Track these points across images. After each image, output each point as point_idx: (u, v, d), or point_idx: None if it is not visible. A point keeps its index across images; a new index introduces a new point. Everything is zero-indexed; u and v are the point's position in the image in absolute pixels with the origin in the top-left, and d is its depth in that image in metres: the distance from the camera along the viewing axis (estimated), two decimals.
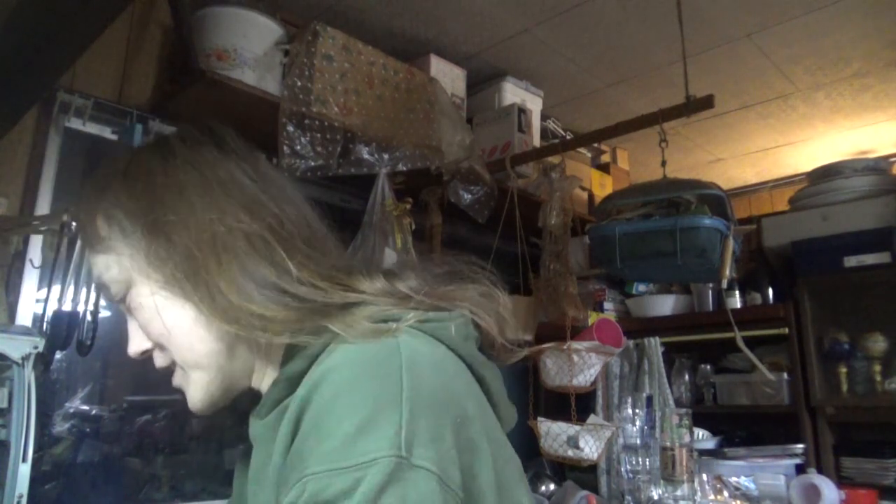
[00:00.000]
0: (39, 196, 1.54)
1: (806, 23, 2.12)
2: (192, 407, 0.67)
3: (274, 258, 0.62)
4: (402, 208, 1.87)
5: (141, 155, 0.70)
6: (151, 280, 0.64)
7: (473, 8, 2.06)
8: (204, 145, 0.69)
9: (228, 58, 1.69)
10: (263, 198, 0.66)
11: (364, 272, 0.64)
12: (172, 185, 0.65)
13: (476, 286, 0.67)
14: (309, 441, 0.51)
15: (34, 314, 1.48)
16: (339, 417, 0.50)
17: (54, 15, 1.04)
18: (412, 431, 0.49)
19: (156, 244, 0.63)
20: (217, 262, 0.61)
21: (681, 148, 3.04)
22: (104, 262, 0.67)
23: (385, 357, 0.54)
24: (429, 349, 0.58)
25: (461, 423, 0.53)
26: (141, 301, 0.65)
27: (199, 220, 0.63)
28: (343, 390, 0.51)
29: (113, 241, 0.66)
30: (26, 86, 1.29)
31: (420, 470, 0.48)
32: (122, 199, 0.66)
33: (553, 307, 1.97)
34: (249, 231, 0.62)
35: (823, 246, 2.32)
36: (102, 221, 0.67)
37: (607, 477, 2.28)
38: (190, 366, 0.65)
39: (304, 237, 0.66)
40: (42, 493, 1.47)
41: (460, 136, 2.06)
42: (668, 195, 1.73)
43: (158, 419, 1.71)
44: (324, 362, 0.55)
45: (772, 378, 2.29)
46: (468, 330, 0.63)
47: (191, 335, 0.64)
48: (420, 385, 0.52)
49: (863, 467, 2.17)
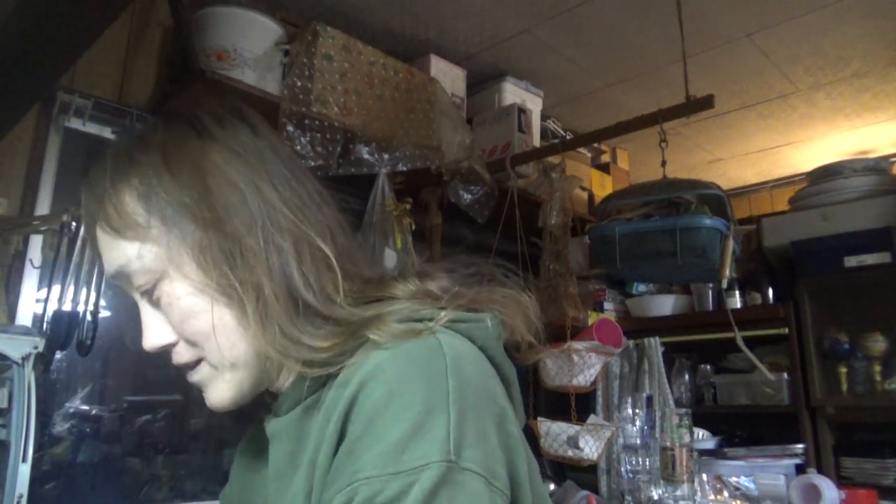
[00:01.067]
0: (39, 196, 1.54)
1: (806, 23, 2.12)
2: (218, 404, 0.63)
3: (318, 270, 0.59)
4: (402, 208, 1.87)
5: (175, 132, 0.62)
6: (192, 278, 0.59)
7: (473, 8, 2.06)
8: (239, 128, 0.64)
9: (228, 58, 1.69)
10: (306, 196, 0.63)
11: (397, 277, 0.64)
12: (220, 174, 0.59)
13: (504, 289, 0.67)
14: (362, 442, 0.50)
15: (34, 314, 1.48)
16: (391, 420, 0.50)
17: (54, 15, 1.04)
18: (460, 434, 0.49)
19: (207, 241, 0.58)
20: (268, 271, 0.58)
21: (681, 148, 3.04)
22: (134, 250, 0.59)
23: (429, 357, 0.54)
24: (467, 350, 0.58)
25: (501, 420, 0.55)
26: (179, 298, 0.59)
27: (255, 218, 0.58)
28: (393, 391, 0.51)
29: (152, 229, 0.59)
30: (26, 86, 1.29)
31: (468, 472, 0.48)
32: (165, 182, 0.59)
33: (553, 307, 1.97)
34: (298, 235, 0.60)
35: (823, 246, 2.32)
36: (136, 203, 0.59)
37: (607, 477, 2.28)
38: (226, 366, 0.61)
39: (340, 242, 0.63)
40: (42, 493, 1.47)
41: (460, 136, 2.06)
42: (668, 195, 1.73)
43: (158, 419, 1.71)
44: (367, 362, 0.54)
45: (772, 378, 2.29)
46: (499, 331, 0.63)
47: (233, 336, 0.60)
48: (465, 385, 0.52)
49: (863, 467, 2.17)
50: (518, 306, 0.66)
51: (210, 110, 0.65)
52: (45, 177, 1.56)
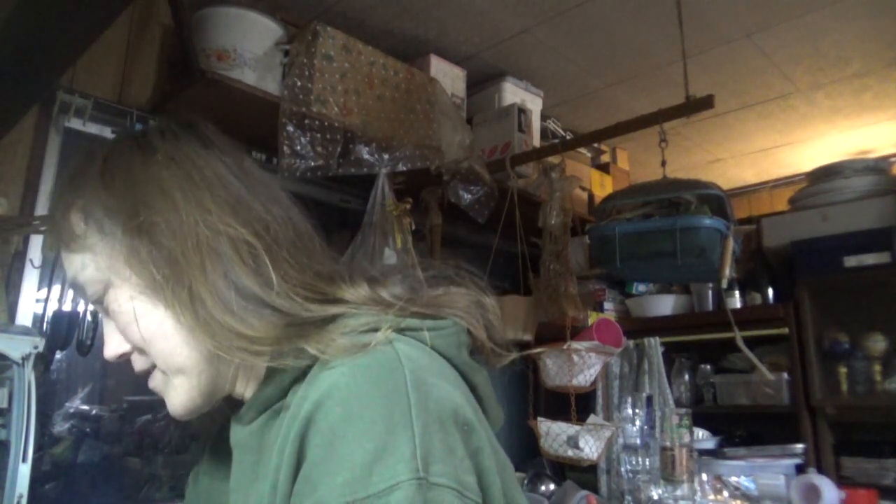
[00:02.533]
0: (39, 196, 1.54)
1: (806, 23, 2.12)
2: (173, 412, 0.64)
3: (258, 267, 0.59)
4: (402, 208, 1.87)
5: (118, 148, 0.66)
6: (131, 283, 0.61)
7: (473, 8, 2.06)
8: (184, 140, 0.66)
9: (228, 58, 1.69)
10: (249, 198, 0.64)
11: (347, 279, 0.63)
12: (153, 183, 0.61)
13: (464, 292, 0.65)
14: (322, 468, 0.49)
15: (34, 314, 1.48)
16: (352, 443, 0.48)
17: (54, 15, 1.04)
18: (427, 449, 0.48)
19: (137, 246, 0.60)
20: (201, 269, 0.58)
21: (681, 148, 3.04)
22: (80, 261, 0.63)
23: (388, 371, 0.52)
24: (427, 360, 0.57)
25: (468, 431, 0.54)
26: (120, 304, 0.62)
27: (184, 221, 0.59)
28: (352, 412, 0.50)
29: (89, 240, 0.62)
30: (26, 86, 1.29)
31: (439, 487, 0.48)
32: (100, 195, 0.62)
33: (553, 307, 1.97)
34: (235, 235, 0.60)
35: (823, 246, 2.32)
36: (78, 218, 0.63)
37: (607, 477, 2.28)
38: (172, 371, 0.62)
39: (290, 241, 0.63)
40: (42, 493, 1.47)
41: (460, 136, 2.06)
42: (668, 195, 1.73)
43: (158, 419, 1.71)
44: (322, 376, 0.53)
45: (772, 378, 2.29)
46: (461, 338, 0.62)
47: (173, 341, 0.61)
48: (427, 399, 0.51)
49: (863, 467, 2.17)
50: (480, 310, 0.65)
51: (157, 126, 0.68)
52: (45, 177, 1.56)
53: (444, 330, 0.61)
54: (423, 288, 0.66)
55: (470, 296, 0.65)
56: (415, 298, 0.63)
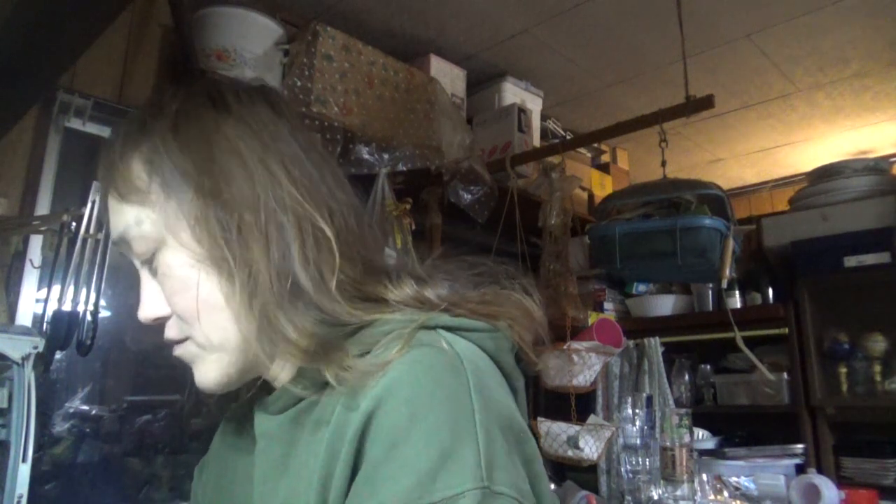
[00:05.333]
0: (39, 196, 1.54)
1: (806, 23, 2.12)
2: (205, 385, 0.61)
3: (320, 255, 0.57)
4: (402, 208, 1.87)
5: (192, 100, 0.61)
6: (190, 249, 0.57)
7: (473, 8, 2.06)
8: (259, 104, 0.62)
9: (228, 58, 1.70)
10: (318, 177, 0.60)
11: (394, 277, 0.61)
12: (227, 145, 0.58)
13: (514, 298, 0.63)
14: (384, 470, 0.47)
15: (34, 314, 1.48)
16: (417, 446, 0.47)
17: (54, 15, 1.04)
18: (490, 457, 0.47)
19: (207, 212, 0.56)
20: (265, 249, 0.55)
21: (681, 148, 3.04)
22: (134, 215, 0.58)
23: (451, 372, 0.51)
24: (484, 363, 0.56)
25: (523, 438, 0.53)
26: (173, 269, 0.58)
27: (258, 193, 0.56)
28: (416, 413, 0.48)
29: (152, 195, 0.57)
30: (26, 86, 1.29)
31: (502, 497, 0.46)
32: (171, 148, 0.57)
33: (553, 307, 1.97)
34: (304, 216, 0.57)
35: (823, 246, 2.32)
36: (141, 167, 0.58)
37: (607, 477, 2.28)
38: (213, 346, 0.59)
39: (351, 229, 0.61)
40: (42, 493, 1.47)
41: (460, 136, 2.06)
42: (668, 195, 1.73)
43: (158, 419, 1.71)
44: (383, 374, 0.51)
45: (772, 378, 2.29)
46: (510, 343, 0.60)
47: (222, 316, 0.57)
48: (488, 404, 0.50)
49: (863, 467, 2.17)
50: (526, 313, 0.63)
51: (232, 84, 0.64)
52: (45, 177, 1.56)
53: (496, 332, 0.59)
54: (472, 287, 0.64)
55: (517, 298, 0.63)
56: (461, 300, 0.60)
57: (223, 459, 0.73)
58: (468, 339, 0.57)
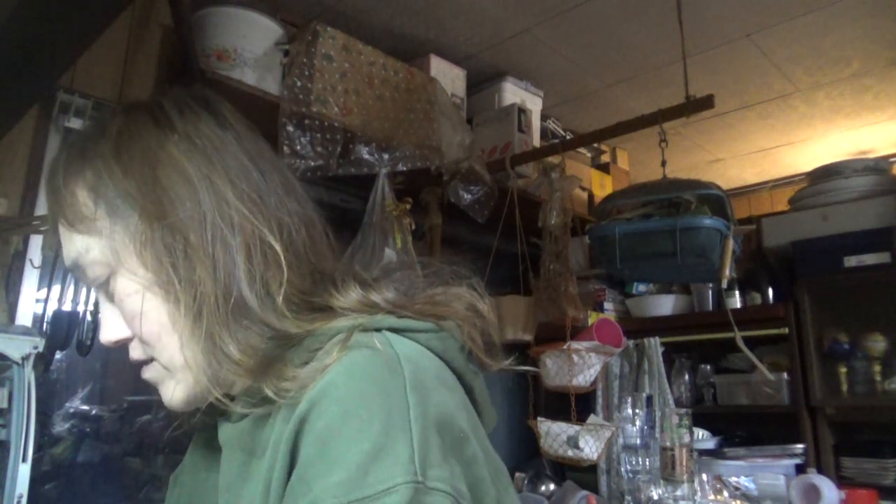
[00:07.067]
0: (39, 196, 1.54)
1: (806, 23, 2.12)
2: (172, 405, 0.61)
3: (266, 271, 0.56)
4: (402, 208, 1.87)
5: (133, 120, 0.60)
6: (139, 274, 0.57)
7: (473, 8, 2.06)
8: (203, 119, 0.61)
9: (228, 58, 1.70)
10: (266, 190, 0.59)
11: (339, 284, 0.60)
12: (172, 166, 0.57)
13: (461, 295, 0.63)
14: (315, 468, 0.47)
15: (34, 314, 1.48)
16: (348, 442, 0.47)
17: (54, 15, 1.04)
18: (424, 453, 0.47)
19: (152, 237, 0.56)
20: (212, 270, 0.55)
21: (681, 148, 3.04)
22: (84, 243, 0.58)
23: (388, 372, 0.51)
24: (427, 362, 0.56)
25: (463, 438, 0.52)
26: (128, 293, 0.58)
27: (204, 213, 0.55)
28: (349, 409, 0.48)
29: (98, 222, 0.57)
30: (26, 86, 1.29)
31: (436, 493, 0.46)
32: (114, 173, 0.57)
33: (553, 307, 1.97)
34: (252, 233, 0.56)
35: (823, 246, 2.32)
36: (86, 194, 0.58)
37: (607, 477, 2.28)
38: (177, 367, 0.59)
39: (303, 241, 0.60)
40: (42, 493, 1.47)
41: (460, 136, 2.07)
42: (668, 195, 1.73)
43: (158, 419, 1.71)
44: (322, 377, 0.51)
45: (772, 378, 2.29)
46: (458, 342, 0.60)
47: (174, 338, 0.57)
48: (426, 402, 0.50)
49: (863, 467, 2.17)
50: (475, 313, 0.62)
51: (174, 99, 0.62)
52: (44, 177, 1.56)
53: (443, 332, 0.59)
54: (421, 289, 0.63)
55: (465, 300, 0.63)
56: (408, 302, 0.60)
57: (196, 469, 0.73)
58: (416, 340, 0.57)
